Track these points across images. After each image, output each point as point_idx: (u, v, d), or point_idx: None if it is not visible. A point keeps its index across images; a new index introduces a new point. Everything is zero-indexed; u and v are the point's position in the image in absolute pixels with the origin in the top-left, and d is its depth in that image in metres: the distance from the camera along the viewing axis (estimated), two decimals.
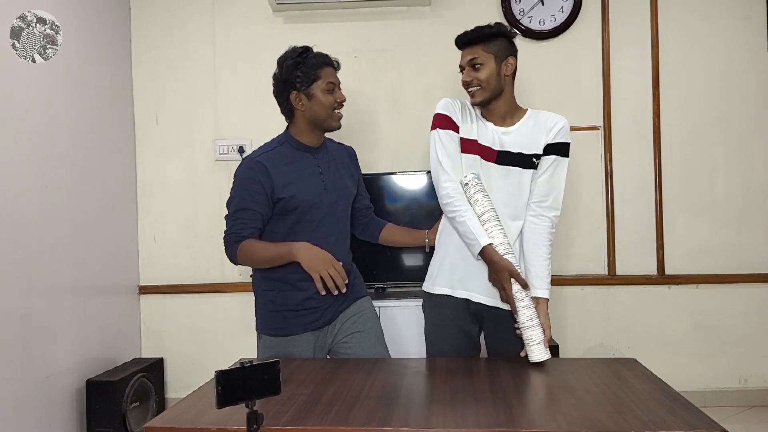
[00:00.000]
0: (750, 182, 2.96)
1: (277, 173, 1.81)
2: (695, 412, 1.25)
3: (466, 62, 1.81)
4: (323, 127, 1.88)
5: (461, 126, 1.81)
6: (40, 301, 2.36)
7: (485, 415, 1.25)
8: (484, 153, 1.79)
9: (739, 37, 2.95)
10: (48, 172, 2.44)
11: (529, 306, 1.65)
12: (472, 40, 1.79)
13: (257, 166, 1.80)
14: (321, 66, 1.83)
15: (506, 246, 1.69)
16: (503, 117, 1.83)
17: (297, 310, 1.85)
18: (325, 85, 1.83)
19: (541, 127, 1.80)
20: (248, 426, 1.06)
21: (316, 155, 1.91)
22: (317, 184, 1.86)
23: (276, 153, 1.86)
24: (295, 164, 1.85)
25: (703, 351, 2.97)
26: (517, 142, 1.78)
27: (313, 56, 1.85)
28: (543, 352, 1.62)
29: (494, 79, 1.78)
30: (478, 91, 1.79)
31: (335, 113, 1.87)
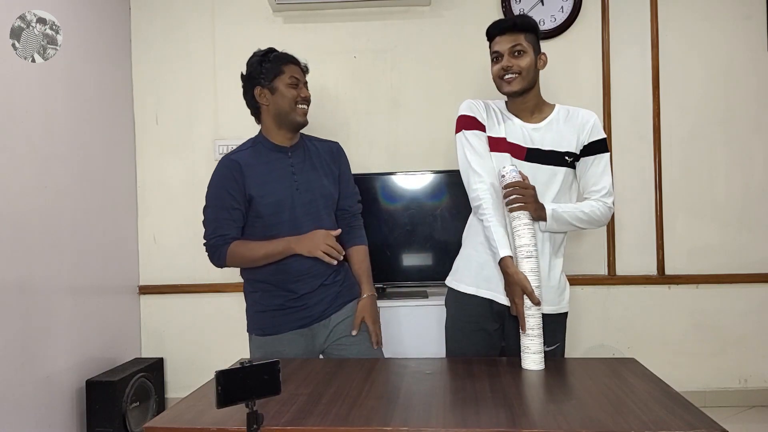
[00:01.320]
0: (750, 182, 2.96)
1: (251, 172, 1.82)
2: (695, 412, 1.25)
3: (507, 48, 1.75)
4: (288, 121, 1.87)
5: (487, 125, 1.80)
6: (40, 301, 2.36)
7: (485, 415, 1.25)
8: (513, 150, 1.76)
9: (739, 37, 2.95)
10: (48, 172, 2.44)
11: (534, 315, 1.63)
12: (517, 26, 1.75)
13: (232, 164, 1.83)
14: (285, 62, 1.86)
15: (531, 248, 1.63)
16: (532, 111, 1.81)
17: (283, 309, 1.85)
18: (288, 79, 1.85)
19: (573, 124, 1.78)
20: (248, 426, 1.06)
21: (290, 154, 1.90)
22: (289, 184, 1.85)
23: (250, 152, 1.87)
24: (268, 165, 1.86)
25: (703, 351, 2.97)
26: (548, 138, 1.77)
27: (277, 54, 1.89)
28: (537, 362, 1.59)
29: (533, 69, 1.77)
30: (517, 78, 1.75)
31: (298, 108, 1.86)
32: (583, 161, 1.78)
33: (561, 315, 1.83)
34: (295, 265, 1.84)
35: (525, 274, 1.63)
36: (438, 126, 2.99)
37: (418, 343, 2.62)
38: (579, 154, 1.78)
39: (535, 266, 1.63)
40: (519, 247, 1.64)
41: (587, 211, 1.75)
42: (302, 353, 1.86)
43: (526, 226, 1.64)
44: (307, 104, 1.90)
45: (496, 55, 1.79)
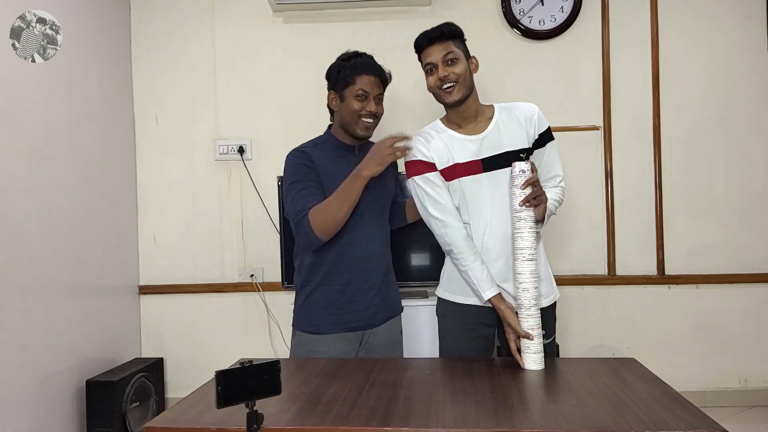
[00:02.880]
0: (750, 182, 2.96)
1: (320, 164, 1.84)
2: (695, 412, 1.25)
3: (439, 58, 1.74)
4: (350, 131, 1.89)
5: (436, 158, 1.78)
6: (40, 301, 2.36)
7: (485, 415, 1.25)
8: (469, 169, 1.75)
9: (739, 37, 2.95)
10: (48, 172, 2.44)
11: (533, 315, 1.63)
12: (445, 34, 1.74)
13: (303, 154, 1.85)
14: (359, 72, 1.84)
15: (533, 251, 1.62)
16: (475, 117, 1.80)
17: (332, 308, 1.86)
18: (357, 90, 1.84)
19: (519, 120, 1.78)
20: (248, 426, 1.06)
21: (357, 154, 1.92)
22: None
23: (318, 148, 1.90)
24: (335, 161, 1.87)
25: (703, 351, 2.97)
26: (498, 142, 1.76)
27: (355, 62, 1.87)
28: (536, 362, 1.60)
29: (468, 74, 1.77)
30: (455, 87, 1.74)
31: (362, 121, 1.85)
32: (537, 153, 1.79)
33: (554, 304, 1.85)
34: (353, 252, 1.85)
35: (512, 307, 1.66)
36: None
37: (419, 343, 2.62)
38: (532, 147, 1.78)
39: (535, 269, 1.64)
40: (521, 250, 1.63)
41: (557, 198, 1.81)
42: (342, 353, 1.85)
43: (530, 229, 1.63)
44: (374, 118, 1.88)
45: (430, 67, 1.77)
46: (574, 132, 2.98)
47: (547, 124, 1.82)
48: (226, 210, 3.08)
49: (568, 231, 2.99)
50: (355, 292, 1.86)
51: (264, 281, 3.03)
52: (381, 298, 1.91)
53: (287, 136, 3.04)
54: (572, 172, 2.98)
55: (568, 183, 2.97)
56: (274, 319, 3.03)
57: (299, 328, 1.91)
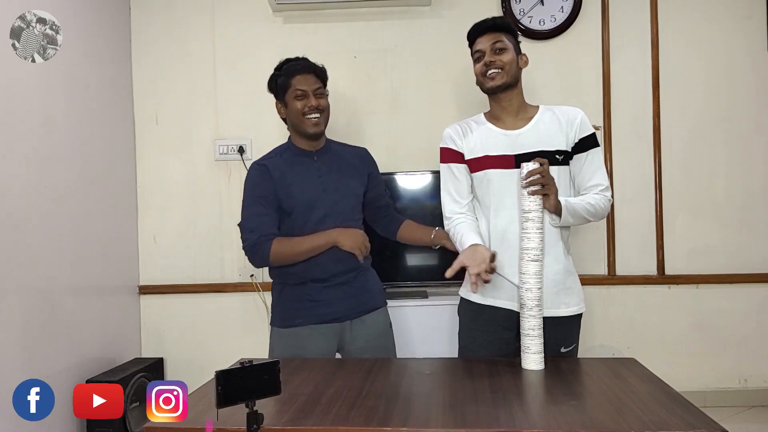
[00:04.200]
0: (750, 182, 2.96)
1: (279, 175, 1.91)
2: (695, 412, 1.25)
3: (488, 45, 1.77)
4: (301, 132, 1.95)
5: (466, 148, 1.82)
6: (40, 301, 2.36)
7: (485, 415, 1.25)
8: (500, 163, 1.76)
9: (739, 37, 2.95)
10: (48, 172, 2.44)
11: (535, 316, 1.62)
12: (497, 25, 1.78)
13: (261, 168, 1.93)
14: (292, 75, 1.92)
15: (539, 252, 1.61)
16: (516, 113, 1.81)
17: (304, 301, 1.90)
18: (295, 92, 1.91)
19: (560, 122, 1.77)
20: (248, 426, 1.06)
21: (316, 158, 1.97)
22: (315, 186, 1.92)
23: (278, 158, 1.97)
24: (294, 168, 1.94)
25: (703, 351, 2.97)
26: (534, 140, 1.76)
27: (287, 66, 1.95)
28: (537, 362, 1.60)
29: (515, 65, 1.78)
30: (499, 73, 1.75)
31: (306, 119, 1.91)
32: (577, 158, 1.78)
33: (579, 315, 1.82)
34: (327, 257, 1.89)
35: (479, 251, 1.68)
36: (438, 126, 2.94)
37: (418, 342, 2.62)
38: (571, 151, 1.77)
39: (540, 269, 1.62)
40: (527, 250, 1.62)
41: (593, 203, 1.74)
42: (320, 347, 1.89)
43: (537, 229, 1.61)
44: (318, 112, 1.92)
45: (478, 55, 1.80)
46: None
47: (592, 130, 1.80)
48: (226, 210, 3.08)
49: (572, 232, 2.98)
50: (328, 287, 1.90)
51: (264, 281, 3.03)
52: (356, 291, 1.94)
53: (287, 136, 3.03)
54: None
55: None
56: None
57: (274, 324, 1.96)
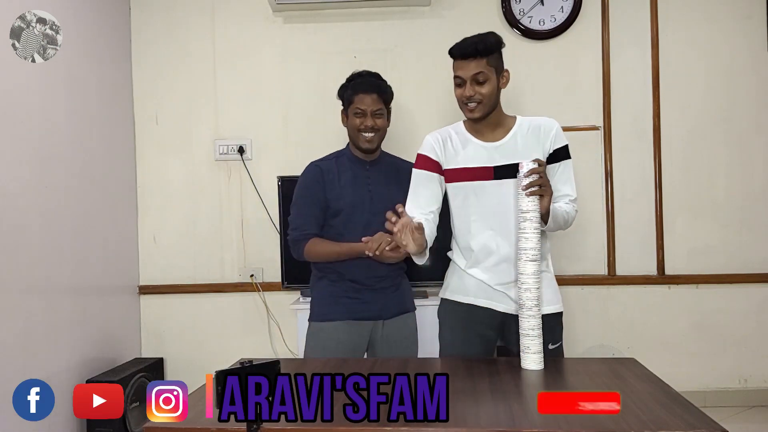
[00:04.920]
0: (750, 182, 2.96)
1: (330, 178, 2.02)
2: (695, 412, 1.25)
3: (470, 76, 1.73)
4: (356, 145, 2.06)
5: (445, 158, 1.82)
6: (40, 301, 2.36)
7: (485, 415, 1.25)
8: (479, 174, 1.77)
9: (739, 37, 2.95)
10: (48, 172, 2.44)
11: (535, 316, 1.63)
12: (479, 51, 1.72)
13: (315, 169, 2.05)
14: (357, 92, 2.01)
15: (537, 251, 1.62)
16: (494, 127, 1.81)
17: (342, 297, 1.99)
18: (356, 109, 2.00)
19: (536, 133, 1.79)
20: (248, 426, 1.06)
21: (368, 168, 2.07)
22: (363, 192, 2.02)
23: (333, 161, 2.08)
24: (347, 173, 2.04)
25: (703, 351, 2.97)
26: (513, 152, 1.77)
27: (355, 83, 2.04)
28: (537, 362, 1.60)
29: (495, 94, 1.76)
30: (479, 106, 1.75)
31: (361, 135, 2.00)
32: (550, 168, 1.78)
33: (560, 314, 1.85)
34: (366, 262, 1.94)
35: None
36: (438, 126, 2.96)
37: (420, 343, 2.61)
38: (546, 161, 1.77)
39: (538, 269, 1.63)
40: (524, 250, 1.62)
41: (568, 210, 1.78)
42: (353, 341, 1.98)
43: (535, 229, 1.62)
44: (374, 132, 2.00)
45: (459, 81, 1.77)
46: (574, 132, 2.97)
47: (566, 141, 1.80)
48: (226, 210, 3.08)
49: (568, 231, 2.95)
50: (365, 286, 1.99)
51: (264, 281, 3.03)
52: (391, 293, 2.04)
53: (287, 136, 3.04)
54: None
55: None
56: (274, 319, 3.03)
57: (311, 319, 2.06)
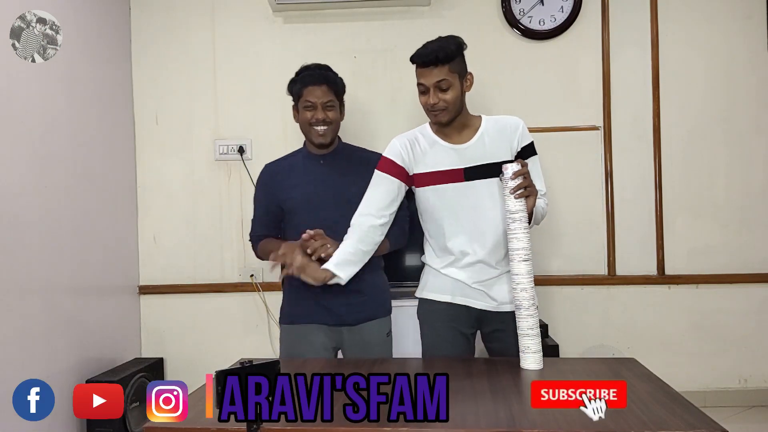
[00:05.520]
0: (750, 182, 2.96)
1: (279, 179, 2.02)
2: (695, 412, 1.25)
3: (432, 83, 1.73)
4: (308, 140, 2.03)
5: (415, 163, 1.82)
6: (39, 301, 2.36)
7: (485, 415, 1.25)
8: (449, 177, 1.78)
9: (739, 37, 2.95)
10: (48, 172, 2.44)
11: (532, 315, 1.63)
12: (440, 59, 1.71)
13: (264, 172, 2.08)
14: (305, 84, 1.97)
15: (528, 251, 1.63)
16: (461, 129, 1.81)
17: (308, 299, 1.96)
18: (305, 102, 1.97)
19: (503, 133, 1.79)
20: (248, 426, 1.06)
21: (322, 162, 2.03)
22: (315, 188, 1.98)
23: (286, 160, 2.08)
24: (299, 171, 2.02)
25: (703, 351, 2.97)
26: (481, 153, 1.78)
27: (303, 75, 2.00)
28: (536, 362, 1.61)
29: (459, 99, 1.76)
30: (443, 113, 1.75)
31: (313, 129, 1.97)
32: None
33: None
34: None
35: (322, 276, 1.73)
36: None
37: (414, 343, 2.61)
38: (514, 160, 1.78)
39: (531, 269, 1.65)
40: (516, 251, 1.63)
41: (542, 206, 1.80)
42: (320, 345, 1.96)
43: (524, 229, 1.63)
44: (326, 125, 1.96)
45: (422, 88, 1.77)
46: (573, 132, 2.98)
47: (531, 139, 1.82)
48: (226, 210, 3.08)
49: (568, 231, 2.99)
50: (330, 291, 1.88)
51: (264, 281, 3.03)
52: (361, 300, 1.95)
53: (287, 136, 3.03)
54: (572, 172, 2.98)
55: (568, 183, 2.97)
56: (274, 319, 3.03)
57: (282, 321, 2.05)
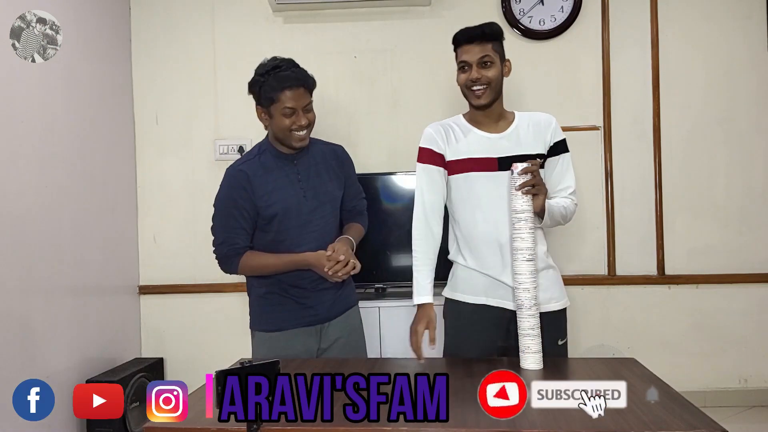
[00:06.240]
0: (750, 182, 2.96)
1: (258, 181, 1.85)
2: (695, 412, 1.25)
3: (476, 59, 1.74)
4: (286, 144, 1.88)
5: (448, 149, 1.82)
6: (40, 301, 2.36)
7: (485, 415, 1.25)
8: (482, 165, 1.77)
9: (739, 37, 2.95)
10: (48, 172, 2.44)
11: (534, 315, 1.63)
12: (486, 35, 1.74)
13: (240, 174, 1.86)
14: (282, 89, 1.79)
15: (533, 252, 1.63)
16: (497, 121, 1.82)
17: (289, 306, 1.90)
18: (282, 109, 1.80)
19: (537, 127, 1.80)
20: (248, 426, 1.06)
21: (296, 162, 1.92)
22: (296, 192, 1.88)
23: (256, 161, 1.89)
24: (274, 173, 1.88)
25: (703, 351, 2.97)
26: (516, 143, 1.78)
27: (277, 76, 1.80)
28: (536, 362, 1.60)
29: (500, 79, 1.78)
30: (486, 90, 1.75)
31: (294, 134, 1.83)
32: (550, 161, 1.80)
33: (565, 310, 1.87)
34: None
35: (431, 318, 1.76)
36: None
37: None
38: (546, 154, 1.80)
39: (534, 269, 1.64)
40: (520, 250, 1.63)
41: (566, 206, 1.79)
42: (303, 351, 1.89)
43: (529, 230, 1.62)
44: (306, 129, 1.86)
45: (463, 65, 1.78)
46: (574, 132, 2.97)
47: (563, 136, 1.83)
48: None
49: (567, 231, 2.98)
50: (310, 290, 1.89)
51: None
52: (336, 292, 1.94)
53: None
54: None
55: None
56: None
57: (257, 328, 1.95)
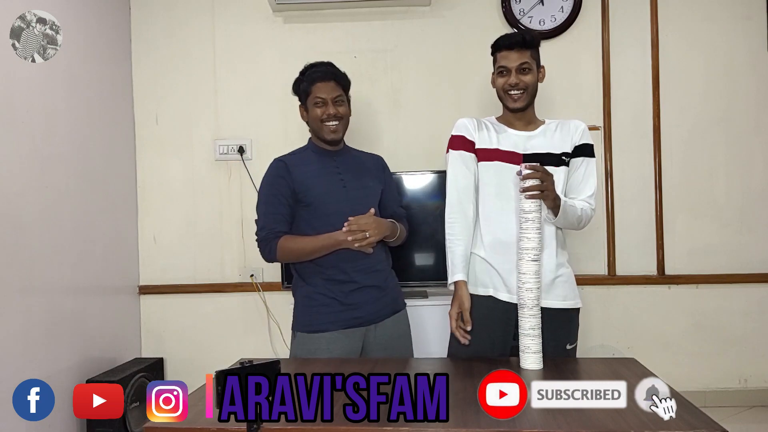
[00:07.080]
0: (750, 182, 2.96)
1: (298, 171, 1.94)
2: (695, 412, 1.25)
3: (515, 65, 1.82)
4: (320, 137, 2.00)
5: (478, 138, 1.87)
6: (40, 301, 2.36)
7: (485, 415, 1.25)
8: (510, 158, 1.82)
9: (739, 37, 2.95)
10: (48, 172, 2.44)
11: (535, 315, 1.64)
12: (526, 42, 1.82)
13: (279, 164, 1.98)
14: (313, 81, 1.96)
15: (538, 251, 1.64)
16: (527, 124, 1.89)
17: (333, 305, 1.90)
18: (315, 99, 1.95)
19: (566, 130, 1.87)
20: (248, 426, 1.06)
21: (335, 158, 2.02)
22: (334, 180, 1.96)
23: (298, 155, 2.03)
24: (315, 164, 1.99)
25: (703, 351, 2.97)
26: (543, 143, 1.84)
27: (310, 73, 1.98)
28: (536, 362, 1.61)
29: (535, 86, 1.86)
30: (523, 95, 1.83)
31: (325, 126, 1.95)
32: (573, 162, 1.85)
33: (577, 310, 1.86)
34: (352, 252, 1.90)
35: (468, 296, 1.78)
36: (438, 126, 2.97)
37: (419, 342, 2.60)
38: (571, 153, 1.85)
39: (538, 269, 1.65)
40: (526, 250, 1.64)
41: (581, 208, 1.81)
42: (347, 350, 1.89)
43: (536, 230, 1.64)
44: (337, 120, 1.96)
45: (502, 69, 1.84)
46: None
47: (591, 141, 1.88)
48: (226, 210, 3.08)
49: (567, 231, 2.98)
50: (356, 289, 1.91)
51: (264, 281, 3.03)
52: (382, 294, 1.95)
53: (287, 136, 3.03)
54: None
55: None
56: (274, 319, 3.03)
57: (299, 329, 1.94)
